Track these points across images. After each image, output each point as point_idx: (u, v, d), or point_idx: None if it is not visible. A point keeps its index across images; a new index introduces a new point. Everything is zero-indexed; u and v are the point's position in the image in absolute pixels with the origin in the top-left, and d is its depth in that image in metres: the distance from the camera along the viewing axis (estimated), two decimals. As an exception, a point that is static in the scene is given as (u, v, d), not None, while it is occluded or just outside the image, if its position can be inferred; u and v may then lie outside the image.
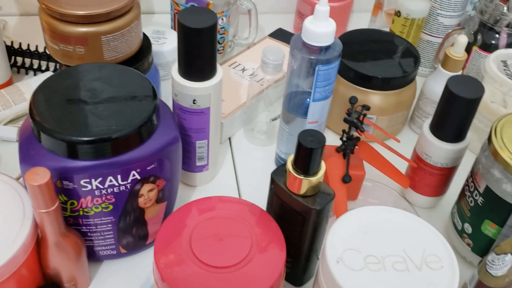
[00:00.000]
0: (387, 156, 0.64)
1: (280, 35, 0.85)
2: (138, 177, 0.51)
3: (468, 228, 0.58)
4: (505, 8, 0.74)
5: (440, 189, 0.64)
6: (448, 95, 0.57)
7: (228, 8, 0.79)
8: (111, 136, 0.48)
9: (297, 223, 0.52)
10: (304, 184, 0.50)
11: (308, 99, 0.61)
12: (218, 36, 0.80)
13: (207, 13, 0.54)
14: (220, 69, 0.58)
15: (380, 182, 0.68)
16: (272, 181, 0.52)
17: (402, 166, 0.67)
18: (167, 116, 0.54)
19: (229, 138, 0.73)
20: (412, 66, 0.71)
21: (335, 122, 0.74)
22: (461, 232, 0.59)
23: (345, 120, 0.59)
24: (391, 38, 0.77)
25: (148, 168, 0.51)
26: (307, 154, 0.48)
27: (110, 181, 0.50)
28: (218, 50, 0.82)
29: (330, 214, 0.53)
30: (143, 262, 0.58)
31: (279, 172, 0.52)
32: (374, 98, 0.71)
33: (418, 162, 0.63)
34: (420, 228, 0.49)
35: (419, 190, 0.65)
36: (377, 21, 0.88)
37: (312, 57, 0.57)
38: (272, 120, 0.70)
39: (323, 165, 0.50)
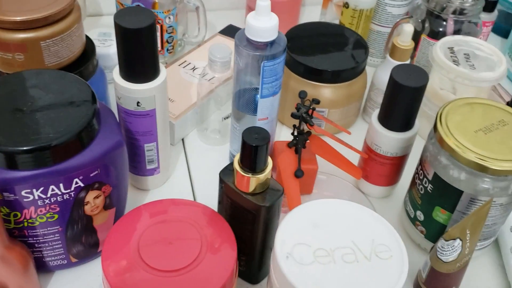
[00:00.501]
0: (340, 149, 0.64)
1: (231, 31, 0.85)
2: (82, 185, 0.50)
3: (420, 215, 0.59)
4: (450, -5, 0.75)
5: (392, 178, 0.65)
6: (393, 85, 0.57)
7: (175, 6, 0.78)
8: (50, 144, 0.47)
9: (248, 221, 0.51)
10: (252, 182, 0.49)
11: (257, 96, 0.60)
12: (167, 36, 0.79)
13: (144, 13, 0.53)
14: (163, 69, 0.57)
15: (335, 174, 0.68)
16: (221, 181, 0.52)
17: (356, 158, 0.67)
18: (110, 120, 0.53)
19: (182, 139, 0.72)
20: (361, 58, 0.71)
21: (288, 117, 0.73)
22: (414, 220, 0.60)
23: (292, 115, 0.59)
24: (340, 30, 0.77)
25: (92, 174, 0.50)
26: (252, 151, 0.48)
27: (53, 190, 0.49)
28: (168, 50, 0.81)
29: (280, 209, 0.53)
30: (96, 270, 0.57)
31: (227, 172, 0.51)
32: (325, 91, 0.71)
33: (368, 152, 0.64)
34: (369, 218, 0.49)
35: (372, 181, 0.65)
36: (327, 13, 0.88)
37: (257, 53, 0.57)
38: (224, 118, 0.70)
39: (270, 161, 0.50)
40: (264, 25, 0.56)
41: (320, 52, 0.72)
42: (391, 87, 0.58)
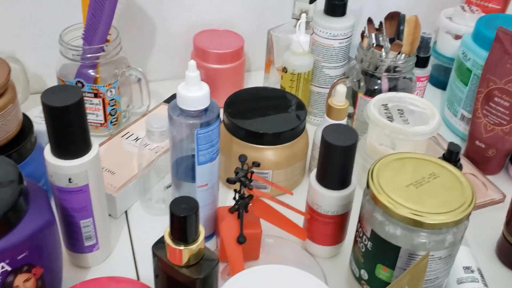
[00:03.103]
0: (285, 210, 0.64)
1: (175, 100, 0.86)
2: (9, 269, 0.48)
3: (364, 274, 0.58)
4: (383, 54, 0.77)
5: (336, 237, 0.65)
6: (325, 145, 0.58)
7: (116, 80, 0.79)
8: (-28, 229, 0.45)
9: (185, 294, 0.50)
10: (184, 254, 0.48)
11: (194, 164, 0.60)
12: (109, 108, 0.79)
13: (72, 90, 0.53)
14: (96, 143, 0.57)
15: (282, 237, 0.67)
16: (154, 255, 0.50)
17: (301, 219, 0.67)
18: (40, 199, 0.52)
19: (126, 212, 0.71)
20: (300, 119, 0.73)
21: (233, 181, 0.73)
22: (359, 279, 0.59)
23: (228, 181, 0.59)
24: (279, 93, 0.79)
25: (19, 257, 0.48)
26: (181, 222, 0.47)
27: (-23, 277, 0.47)
28: (112, 122, 0.81)
29: (218, 279, 0.51)
30: None
31: (160, 245, 0.50)
32: (268, 153, 0.71)
33: (310, 212, 0.63)
34: (307, 282, 0.48)
35: (317, 241, 0.65)
36: (270, 77, 0.91)
37: (191, 122, 0.57)
38: (167, 187, 0.69)
39: (202, 230, 0.49)
40: (195, 95, 0.57)
41: (260, 115, 0.73)
42: (323, 147, 0.59)
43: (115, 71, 0.79)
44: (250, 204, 0.63)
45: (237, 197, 0.62)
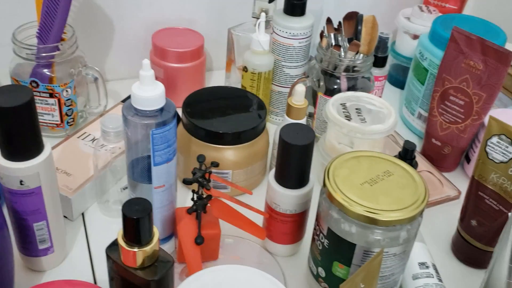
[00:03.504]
0: (245, 210, 0.63)
1: (135, 100, 0.84)
2: (-45, 275, 0.47)
3: (322, 272, 0.58)
4: (341, 54, 0.78)
5: (295, 235, 0.65)
6: (282, 144, 0.58)
7: (72, 79, 0.77)
8: None
9: (140, 297, 0.49)
10: (138, 256, 0.48)
11: (150, 164, 0.59)
12: (65, 109, 0.78)
13: (22, 90, 0.51)
14: (48, 145, 0.55)
15: (242, 237, 0.67)
16: (108, 257, 0.50)
17: (261, 218, 0.67)
18: (-12, 202, 0.50)
19: (82, 214, 0.70)
20: (260, 118, 0.73)
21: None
22: (317, 277, 0.60)
23: (184, 182, 0.58)
24: (238, 93, 0.79)
25: (-35, 263, 0.47)
26: (134, 224, 0.46)
27: None
28: (68, 122, 0.79)
29: (173, 281, 0.51)
30: None
31: (114, 247, 0.50)
32: (227, 153, 0.71)
33: (269, 211, 0.64)
34: (263, 282, 0.48)
35: (276, 240, 0.65)
36: (231, 77, 0.90)
37: (145, 122, 0.57)
38: (123, 189, 0.68)
39: (156, 232, 0.49)
40: (150, 94, 0.56)
41: (219, 115, 0.73)
42: (281, 146, 0.59)
43: (71, 71, 0.77)
44: (209, 205, 0.62)
45: (195, 198, 0.62)
